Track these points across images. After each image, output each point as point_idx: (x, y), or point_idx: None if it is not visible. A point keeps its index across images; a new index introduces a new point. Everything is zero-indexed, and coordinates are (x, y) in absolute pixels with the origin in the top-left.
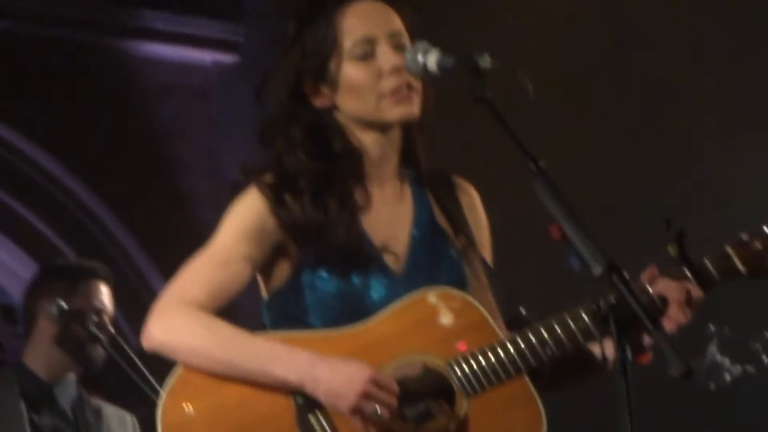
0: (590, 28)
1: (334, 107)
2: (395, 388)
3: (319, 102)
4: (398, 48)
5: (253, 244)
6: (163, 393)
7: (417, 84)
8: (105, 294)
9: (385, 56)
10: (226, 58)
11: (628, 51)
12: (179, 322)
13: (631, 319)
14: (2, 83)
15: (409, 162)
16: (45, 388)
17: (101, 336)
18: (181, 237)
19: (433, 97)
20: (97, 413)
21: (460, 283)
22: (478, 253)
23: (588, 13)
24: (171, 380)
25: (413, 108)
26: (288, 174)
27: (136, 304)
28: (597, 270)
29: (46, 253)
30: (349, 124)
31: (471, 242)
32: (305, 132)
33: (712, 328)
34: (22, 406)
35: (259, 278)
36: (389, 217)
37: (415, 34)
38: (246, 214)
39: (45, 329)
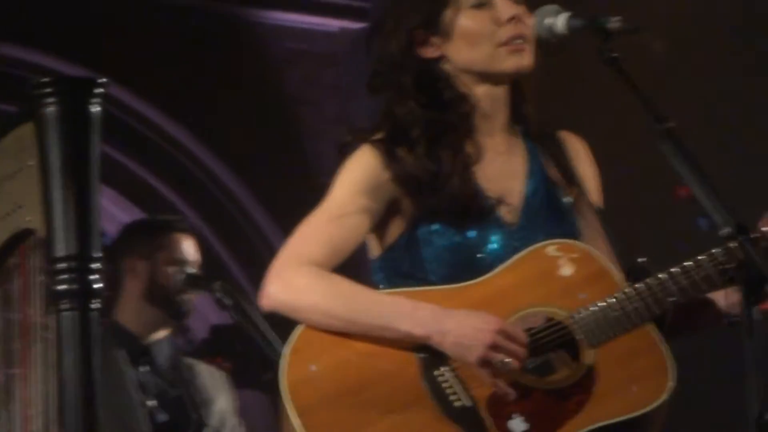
0: None
1: (443, 58)
2: (524, 338)
3: (428, 52)
4: (515, 0)
5: (369, 198)
6: (286, 351)
7: (531, 37)
8: (187, 245)
9: (503, 5)
10: (354, 24)
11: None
12: (299, 280)
13: (757, 277)
14: (131, 50)
15: (518, 118)
16: (141, 345)
17: (197, 284)
18: (307, 201)
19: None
20: (191, 370)
21: (575, 234)
22: (591, 203)
23: None
24: (293, 339)
25: (527, 59)
26: (399, 126)
27: (259, 267)
28: (725, 230)
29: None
30: (459, 75)
31: (583, 192)
32: (416, 82)
33: None
34: (124, 363)
35: (370, 237)
36: (501, 169)
37: None
38: (360, 170)
39: (133, 287)
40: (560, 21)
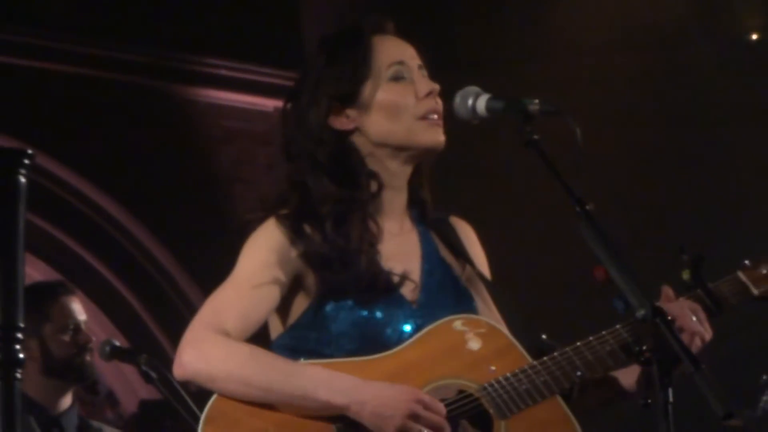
0: (641, 78)
1: (356, 131)
2: (442, 408)
3: (342, 124)
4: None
5: (278, 270)
6: (201, 423)
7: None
8: (74, 307)
9: (421, 81)
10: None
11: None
12: (214, 349)
13: (671, 360)
14: (68, 125)
15: (414, 202)
16: (51, 416)
17: (122, 356)
18: None
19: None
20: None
21: (473, 311)
22: (484, 281)
23: (641, 63)
24: (207, 410)
25: (443, 136)
26: (308, 200)
27: None
28: (641, 312)
29: (108, 296)
30: (372, 151)
31: (476, 272)
32: (331, 156)
33: (765, 377)
34: (35, 429)
35: (271, 316)
36: (398, 250)
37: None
38: (266, 244)
39: (30, 366)
40: (480, 102)
